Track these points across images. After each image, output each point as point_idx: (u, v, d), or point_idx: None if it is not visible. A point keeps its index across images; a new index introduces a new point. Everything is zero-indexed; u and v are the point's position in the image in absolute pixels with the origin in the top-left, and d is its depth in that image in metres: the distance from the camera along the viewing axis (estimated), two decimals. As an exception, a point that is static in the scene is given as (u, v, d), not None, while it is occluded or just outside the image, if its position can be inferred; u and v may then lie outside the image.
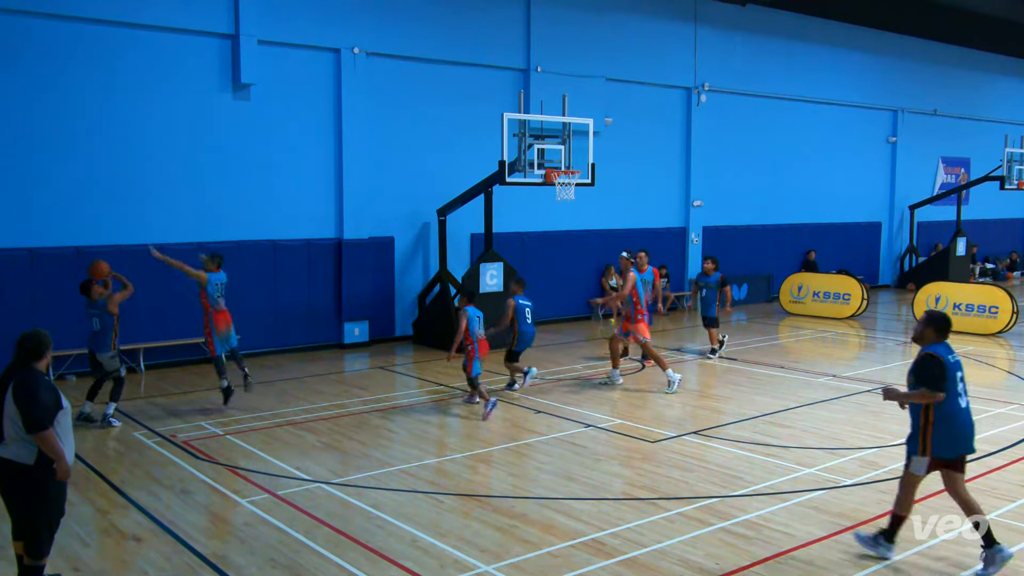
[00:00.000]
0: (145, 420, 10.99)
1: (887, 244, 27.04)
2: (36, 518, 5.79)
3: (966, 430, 6.55)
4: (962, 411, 6.53)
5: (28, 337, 5.86)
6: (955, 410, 6.48)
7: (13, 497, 5.76)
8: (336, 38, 15.81)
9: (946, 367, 6.44)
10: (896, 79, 26.18)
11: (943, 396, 6.41)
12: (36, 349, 5.84)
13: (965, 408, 6.56)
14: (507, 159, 14.36)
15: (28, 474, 5.68)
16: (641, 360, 14.56)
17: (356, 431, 10.49)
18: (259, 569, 6.54)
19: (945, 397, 6.42)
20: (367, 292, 16.39)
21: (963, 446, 6.56)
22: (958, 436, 6.52)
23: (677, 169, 21.58)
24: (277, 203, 15.51)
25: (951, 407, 6.46)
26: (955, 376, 6.51)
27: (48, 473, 5.73)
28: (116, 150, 13.91)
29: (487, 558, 6.69)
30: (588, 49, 19.03)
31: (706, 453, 9.47)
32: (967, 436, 6.57)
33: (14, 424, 5.64)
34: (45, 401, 5.67)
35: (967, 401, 6.60)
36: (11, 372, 5.79)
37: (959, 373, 6.56)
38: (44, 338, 5.91)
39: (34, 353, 5.83)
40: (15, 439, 5.66)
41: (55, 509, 5.90)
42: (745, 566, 6.52)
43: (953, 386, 6.47)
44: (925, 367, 6.50)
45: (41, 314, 12.88)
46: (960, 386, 6.53)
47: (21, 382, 5.68)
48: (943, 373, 6.42)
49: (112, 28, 13.70)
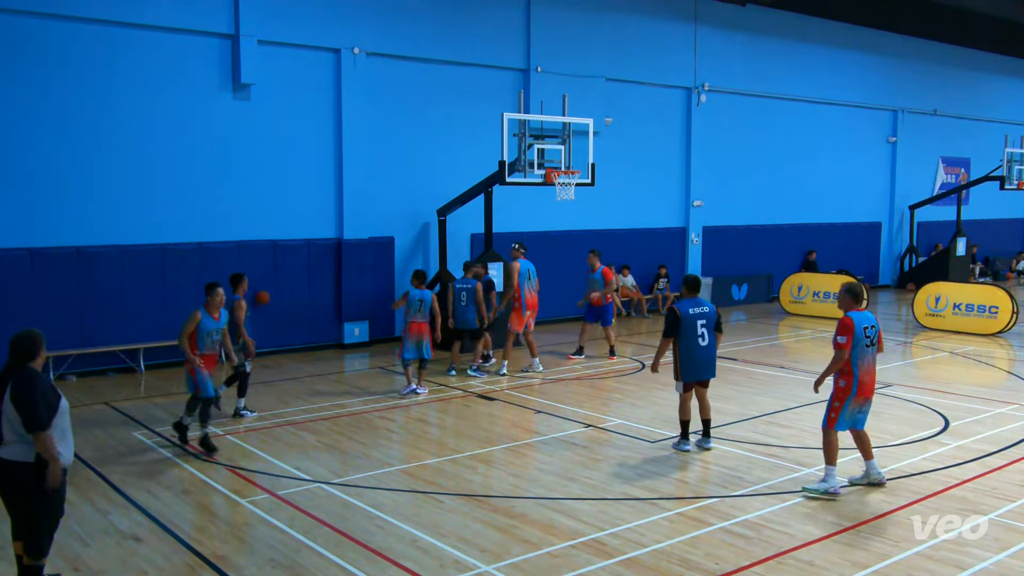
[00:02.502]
0: (145, 420, 10.98)
1: (887, 244, 27.05)
2: (36, 518, 5.80)
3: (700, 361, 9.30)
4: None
5: (21, 338, 5.86)
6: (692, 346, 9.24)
7: (13, 497, 5.77)
8: (336, 38, 15.81)
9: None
10: (896, 79, 26.19)
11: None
12: (30, 349, 5.84)
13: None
14: (507, 159, 14.36)
15: (28, 474, 5.69)
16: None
17: (356, 431, 10.49)
18: (259, 569, 6.54)
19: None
20: (367, 292, 16.40)
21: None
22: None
23: (677, 169, 21.59)
24: (277, 203, 15.51)
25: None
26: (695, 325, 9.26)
27: (47, 472, 5.73)
28: (116, 150, 13.92)
29: (487, 558, 6.69)
30: (588, 49, 19.03)
31: (706, 453, 9.47)
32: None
33: (12, 425, 5.65)
34: (44, 401, 5.68)
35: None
36: (8, 373, 5.80)
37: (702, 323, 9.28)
38: (37, 338, 5.91)
39: (28, 353, 5.83)
40: (14, 439, 5.67)
41: (55, 509, 5.90)
42: (745, 566, 6.52)
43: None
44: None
45: (41, 314, 12.89)
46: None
47: (19, 383, 5.69)
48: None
49: (112, 28, 13.71)
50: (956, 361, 15.22)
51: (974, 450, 9.50)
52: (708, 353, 9.41)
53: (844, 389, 7.97)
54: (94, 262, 13.72)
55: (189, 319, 9.45)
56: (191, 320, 9.44)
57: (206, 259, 14.72)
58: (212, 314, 9.53)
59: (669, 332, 9.30)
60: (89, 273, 13.66)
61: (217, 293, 9.55)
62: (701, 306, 9.41)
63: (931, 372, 14.48)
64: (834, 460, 8.01)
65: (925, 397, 12.11)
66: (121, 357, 13.94)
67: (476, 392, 12.61)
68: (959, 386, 12.90)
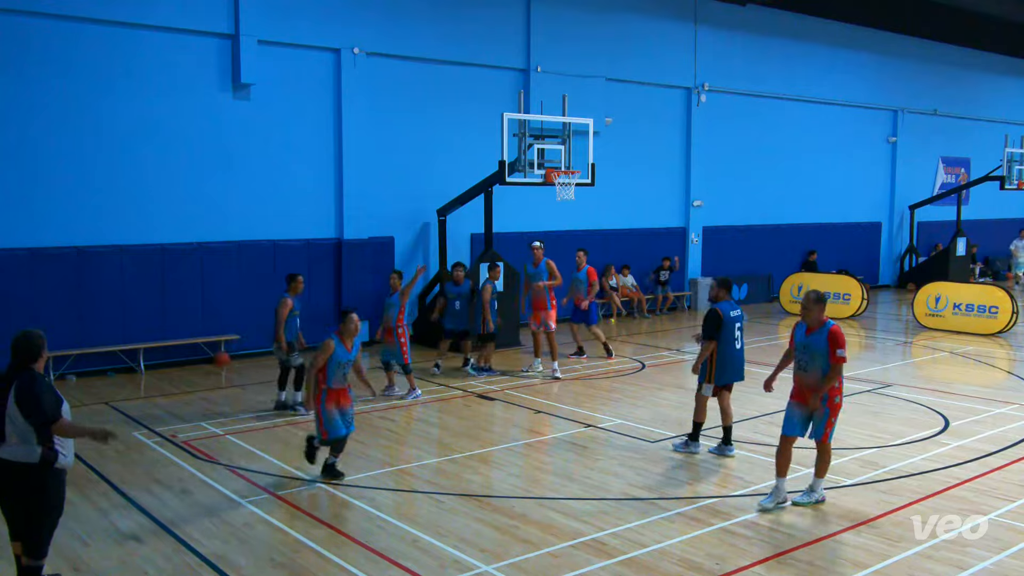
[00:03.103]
0: (145, 420, 10.98)
1: (887, 244, 27.04)
2: (37, 518, 5.80)
3: (736, 364, 9.35)
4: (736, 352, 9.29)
5: (22, 339, 5.85)
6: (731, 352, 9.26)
7: (13, 497, 5.76)
8: (336, 38, 15.81)
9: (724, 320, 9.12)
10: (896, 79, 26.18)
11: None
12: (32, 351, 5.84)
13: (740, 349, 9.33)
14: (507, 159, 14.36)
15: (30, 474, 5.69)
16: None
17: (356, 431, 10.47)
18: (259, 569, 6.54)
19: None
20: (367, 292, 16.38)
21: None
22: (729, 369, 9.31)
23: (677, 169, 21.58)
24: (277, 203, 15.50)
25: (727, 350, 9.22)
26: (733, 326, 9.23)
27: (49, 473, 5.75)
28: (116, 150, 13.91)
29: (487, 558, 6.69)
30: (588, 49, 19.03)
31: (706, 453, 9.46)
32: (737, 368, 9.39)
33: (16, 426, 5.65)
34: (48, 399, 5.70)
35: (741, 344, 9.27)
36: (10, 375, 5.79)
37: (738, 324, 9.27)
38: (39, 339, 5.91)
39: (30, 355, 5.83)
40: (17, 441, 5.67)
41: (55, 508, 5.90)
42: (745, 566, 6.53)
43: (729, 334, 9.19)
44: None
45: (41, 314, 12.88)
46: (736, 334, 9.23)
47: (23, 386, 5.69)
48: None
49: (112, 28, 13.71)
50: (956, 361, 15.22)
51: (974, 450, 9.50)
52: (742, 356, 9.48)
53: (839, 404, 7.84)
54: (94, 262, 13.72)
55: (322, 349, 8.32)
56: (324, 350, 8.30)
57: (206, 259, 14.73)
58: (345, 343, 8.46)
59: (712, 334, 9.15)
60: (89, 273, 13.66)
61: (352, 320, 8.47)
62: (735, 308, 9.41)
63: (931, 372, 14.49)
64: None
65: (925, 397, 12.11)
66: (121, 357, 13.94)
67: (476, 392, 12.61)
68: (959, 386, 12.90)
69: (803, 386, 7.77)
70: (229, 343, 14.93)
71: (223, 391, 12.83)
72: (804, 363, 7.73)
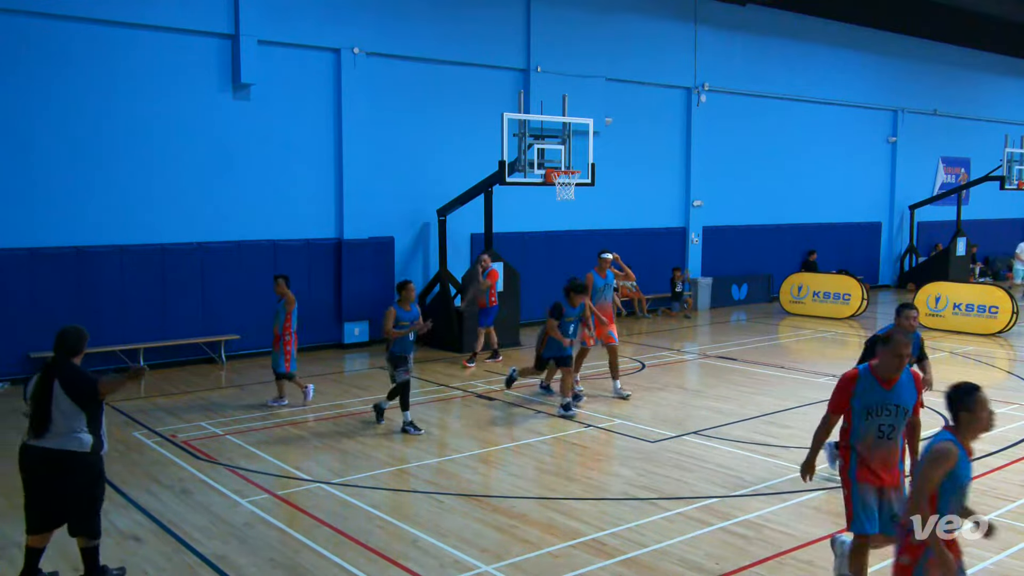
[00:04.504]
0: (145, 420, 10.98)
1: (887, 244, 27.04)
2: (89, 502, 6.10)
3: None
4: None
5: (71, 332, 6.13)
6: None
7: (65, 485, 5.98)
8: (336, 38, 15.81)
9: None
10: (896, 79, 26.18)
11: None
12: (74, 345, 6.11)
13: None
14: (507, 159, 14.36)
15: (83, 461, 5.98)
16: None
17: (356, 431, 10.49)
18: (259, 569, 6.54)
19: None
20: (367, 292, 16.39)
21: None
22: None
23: (677, 169, 21.58)
24: (277, 203, 15.50)
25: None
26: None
27: (98, 459, 6.10)
28: (116, 150, 13.91)
29: (487, 558, 6.69)
30: (588, 49, 19.03)
31: (706, 453, 9.47)
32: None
33: (66, 416, 5.90)
34: (89, 374, 6.06)
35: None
36: (54, 368, 6.02)
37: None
38: (83, 335, 6.19)
39: (73, 349, 6.09)
40: (65, 431, 5.92)
41: (104, 491, 6.27)
42: (745, 566, 6.52)
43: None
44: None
45: (41, 314, 12.89)
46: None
47: (66, 374, 5.95)
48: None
49: (112, 28, 13.70)
50: (956, 361, 15.21)
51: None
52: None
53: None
54: (94, 262, 13.72)
55: (386, 317, 10.21)
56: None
57: (206, 259, 14.73)
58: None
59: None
60: (89, 273, 13.66)
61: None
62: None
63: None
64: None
65: (925, 397, 12.08)
66: (121, 357, 13.94)
67: (476, 392, 12.61)
68: (959, 386, 12.88)
69: (886, 462, 5.72)
70: (229, 343, 14.93)
71: (223, 391, 12.83)
72: (887, 429, 5.64)
